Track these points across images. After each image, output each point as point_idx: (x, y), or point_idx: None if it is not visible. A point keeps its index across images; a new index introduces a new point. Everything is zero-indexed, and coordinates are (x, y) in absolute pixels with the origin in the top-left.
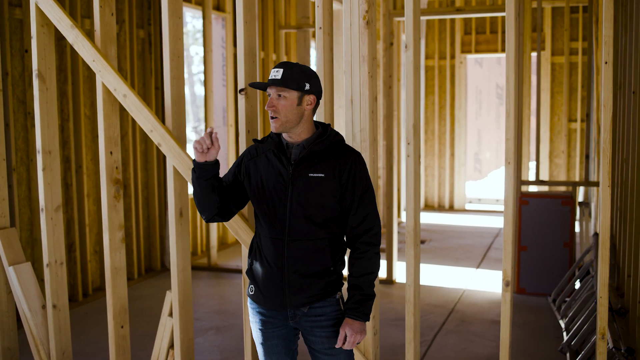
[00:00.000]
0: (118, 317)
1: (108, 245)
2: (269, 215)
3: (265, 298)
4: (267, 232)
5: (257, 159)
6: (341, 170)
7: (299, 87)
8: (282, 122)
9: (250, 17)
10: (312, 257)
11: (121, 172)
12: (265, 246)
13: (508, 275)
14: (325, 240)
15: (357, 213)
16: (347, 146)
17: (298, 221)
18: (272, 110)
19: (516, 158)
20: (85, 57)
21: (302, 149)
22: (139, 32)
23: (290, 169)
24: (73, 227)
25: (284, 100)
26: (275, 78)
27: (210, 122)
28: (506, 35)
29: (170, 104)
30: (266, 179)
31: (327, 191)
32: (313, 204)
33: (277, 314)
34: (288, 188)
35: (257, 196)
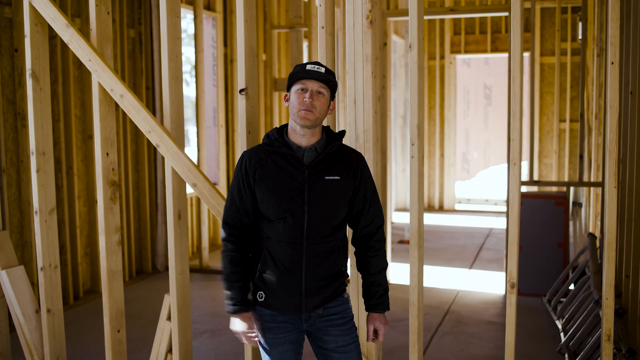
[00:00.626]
0: (115, 321)
1: (104, 248)
2: (286, 220)
3: (280, 303)
4: (285, 237)
5: (262, 163)
6: (355, 172)
7: (334, 88)
8: (316, 117)
9: (250, 16)
10: (328, 259)
11: (117, 174)
12: (280, 251)
13: (513, 277)
14: (338, 241)
15: (370, 212)
16: (350, 148)
17: (317, 224)
18: (311, 103)
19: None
20: (80, 56)
21: (314, 152)
22: (129, 32)
23: (305, 172)
24: (64, 229)
25: (322, 97)
26: (320, 72)
27: (201, 122)
28: (511, 34)
29: (168, 105)
30: (279, 183)
31: (342, 193)
32: (331, 207)
33: (290, 319)
34: (304, 191)
35: (272, 201)
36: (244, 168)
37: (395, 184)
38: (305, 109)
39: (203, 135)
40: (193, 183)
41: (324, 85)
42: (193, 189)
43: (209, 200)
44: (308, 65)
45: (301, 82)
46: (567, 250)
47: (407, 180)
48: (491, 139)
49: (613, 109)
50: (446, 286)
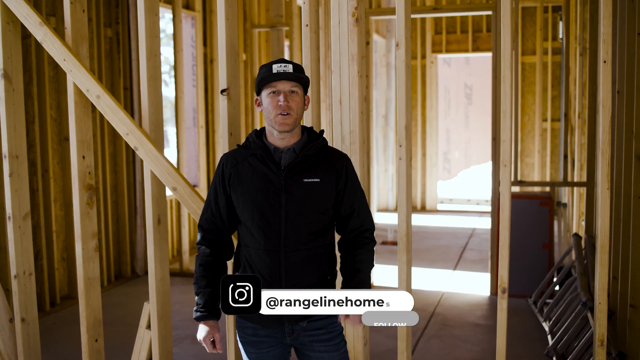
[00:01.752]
0: (92, 330)
1: (81, 254)
2: (261, 227)
3: (261, 317)
4: (261, 244)
5: (239, 167)
6: (338, 174)
7: (306, 84)
8: (294, 119)
9: (231, 14)
10: (310, 267)
11: (94, 178)
12: (257, 259)
13: (505, 282)
14: (321, 248)
15: (358, 217)
16: (335, 149)
17: (295, 230)
18: (286, 106)
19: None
20: (55, 56)
21: (293, 154)
22: (106, 31)
23: (282, 175)
24: (39, 233)
25: (297, 96)
26: (288, 71)
27: (181, 123)
28: (501, 32)
29: (147, 106)
30: (255, 188)
31: (323, 196)
32: (310, 211)
33: (273, 332)
34: (281, 196)
35: (247, 206)
36: (221, 172)
37: (377, 184)
38: (281, 112)
39: (183, 137)
40: (173, 187)
41: (297, 83)
42: (173, 193)
43: (189, 204)
44: (274, 65)
45: (271, 86)
46: (552, 251)
47: (388, 180)
48: (472, 139)
49: (605, 109)
50: (431, 288)
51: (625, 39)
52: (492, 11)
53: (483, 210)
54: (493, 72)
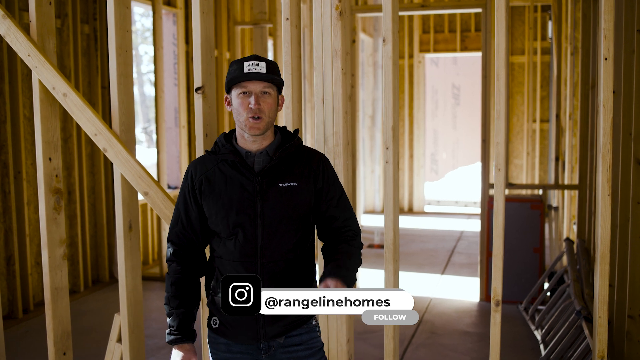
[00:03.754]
0: (60, 344)
1: (47, 263)
2: (237, 237)
3: (234, 331)
4: (236, 256)
5: (208, 174)
6: (315, 175)
7: (280, 84)
8: (266, 123)
9: (207, 7)
10: (289, 279)
11: (62, 180)
12: (232, 271)
13: (498, 295)
14: (302, 258)
15: (338, 219)
16: (310, 148)
17: (272, 240)
18: (257, 109)
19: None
20: (19, 51)
21: (266, 157)
22: (83, 27)
23: (256, 180)
24: (12, 237)
25: (269, 97)
26: (260, 72)
27: (161, 122)
28: (496, 29)
29: (117, 105)
30: (227, 196)
31: (302, 201)
32: (288, 218)
33: (248, 348)
34: (257, 203)
35: (220, 217)
36: (190, 180)
37: (363, 186)
38: (252, 116)
39: (163, 136)
40: (144, 191)
41: (270, 83)
42: (145, 198)
43: (162, 210)
44: (246, 64)
45: (242, 86)
46: (544, 256)
47: (375, 182)
48: (460, 140)
49: (607, 109)
50: (418, 293)
51: (622, 36)
52: (482, 9)
53: (471, 212)
54: (483, 72)
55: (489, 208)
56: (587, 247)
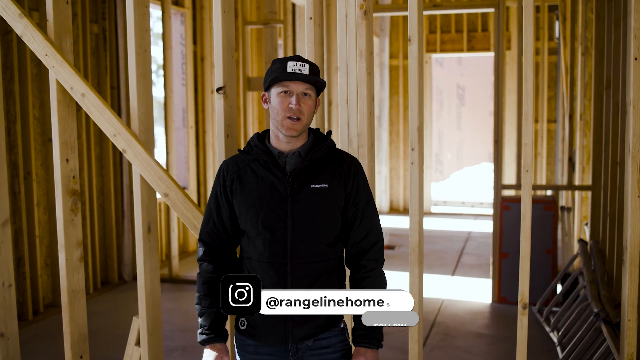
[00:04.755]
0: (77, 347)
1: (64, 265)
2: (266, 237)
3: (263, 333)
4: (265, 257)
5: (240, 173)
6: (346, 178)
7: (320, 87)
8: (304, 124)
9: (228, 7)
10: (318, 281)
11: (78, 182)
12: (261, 273)
13: (525, 297)
14: (331, 261)
15: (361, 226)
16: (343, 151)
17: (302, 242)
18: (298, 109)
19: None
20: (36, 50)
21: (298, 158)
22: (92, 27)
23: (287, 181)
24: (22, 239)
25: (309, 99)
26: (303, 72)
27: (170, 123)
28: (524, 27)
29: (136, 105)
30: (258, 195)
31: (332, 203)
32: (318, 220)
33: (276, 351)
34: (287, 204)
35: (250, 216)
36: (222, 179)
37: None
38: (290, 116)
39: (172, 137)
40: (165, 193)
41: (312, 85)
42: (165, 199)
43: (182, 212)
44: (289, 63)
45: (283, 85)
46: (556, 257)
47: (381, 182)
48: (464, 140)
49: (637, 110)
50: (430, 295)
51: None
52: (495, 8)
53: (478, 212)
54: (495, 72)
55: (502, 209)
56: (602, 248)
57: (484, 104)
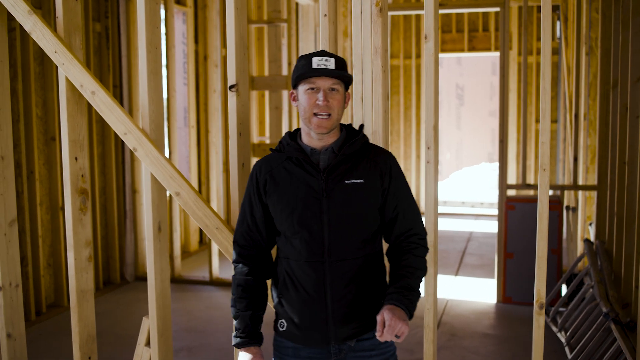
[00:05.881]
0: (85, 347)
1: (73, 265)
2: (303, 236)
3: (304, 334)
4: (303, 255)
5: (273, 173)
6: (382, 172)
7: (348, 81)
8: (333, 120)
9: (241, 3)
10: (358, 279)
11: (87, 181)
12: (299, 272)
13: (542, 297)
14: (370, 257)
15: (405, 221)
16: (376, 146)
17: (339, 238)
18: (326, 105)
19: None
20: (45, 47)
21: (331, 154)
22: (95, 26)
23: (321, 177)
24: (25, 239)
25: (337, 94)
26: (329, 67)
27: (172, 123)
28: (542, 26)
29: (147, 103)
30: (293, 194)
31: (368, 199)
32: (355, 216)
33: (316, 353)
34: (322, 201)
35: (285, 215)
36: (254, 180)
37: None
38: (317, 112)
39: (175, 137)
40: (176, 192)
41: (339, 80)
42: (176, 198)
43: (194, 211)
44: (314, 59)
45: (310, 81)
46: (561, 257)
47: None
48: (464, 140)
49: None
50: None
51: None
52: (500, 8)
53: (479, 213)
54: (501, 72)
55: (507, 209)
56: (608, 248)
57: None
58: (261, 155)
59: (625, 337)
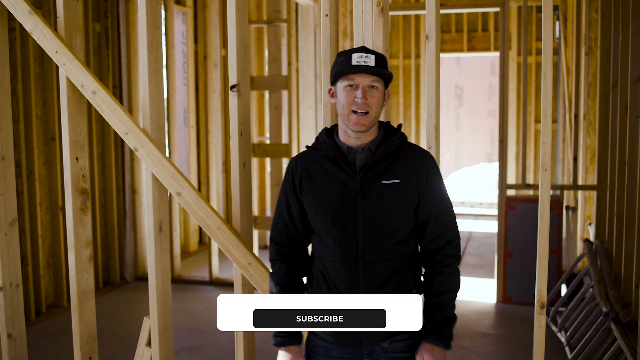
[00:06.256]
0: (86, 348)
1: (74, 265)
2: (336, 236)
3: (337, 333)
4: (337, 256)
5: (309, 170)
6: (419, 173)
7: (388, 78)
8: (372, 118)
9: (242, 3)
10: (392, 280)
11: (88, 181)
12: (334, 272)
13: (543, 297)
14: (405, 258)
15: (436, 224)
16: (415, 145)
17: (374, 239)
18: (364, 103)
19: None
20: (46, 47)
21: (368, 153)
22: (94, 26)
23: (357, 177)
24: (24, 239)
25: (377, 92)
26: (368, 64)
27: (172, 123)
28: (543, 26)
29: (148, 103)
30: (327, 193)
31: (404, 200)
32: (390, 217)
33: (348, 353)
34: (357, 200)
35: (319, 215)
36: (290, 176)
37: None
38: (355, 110)
39: (175, 137)
40: (177, 192)
41: (378, 78)
42: (177, 198)
43: (195, 211)
44: (354, 55)
45: (349, 78)
46: (561, 257)
47: None
48: (462, 140)
49: None
50: None
51: None
52: (500, 7)
53: (478, 213)
54: (501, 71)
55: (507, 209)
56: (608, 248)
57: (483, 104)
58: (261, 155)
59: (626, 336)
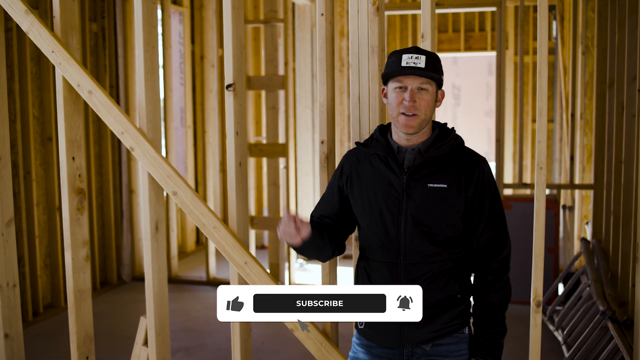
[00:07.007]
0: (83, 347)
1: (71, 264)
2: (379, 235)
3: (379, 333)
4: (379, 255)
5: (359, 166)
6: (467, 180)
7: (440, 80)
8: (420, 120)
9: (238, 3)
10: (434, 283)
11: (84, 180)
12: (376, 272)
13: (539, 295)
14: (448, 262)
15: (484, 233)
16: (470, 150)
17: (415, 241)
18: (412, 106)
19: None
20: (42, 47)
21: (417, 154)
22: (91, 26)
23: (403, 177)
24: (21, 239)
25: (426, 94)
26: (418, 66)
27: (169, 123)
28: (538, 25)
29: (144, 103)
30: (373, 190)
31: (449, 205)
32: (433, 221)
33: (389, 353)
34: (402, 201)
35: (364, 212)
36: (340, 169)
37: None
38: (404, 112)
39: (172, 137)
40: (173, 191)
41: (429, 79)
42: (173, 197)
43: (191, 211)
44: (404, 56)
45: (398, 80)
46: (558, 256)
47: None
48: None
49: None
50: None
51: None
52: (497, 7)
53: None
54: (497, 71)
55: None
56: (605, 247)
57: (480, 104)
58: (258, 155)
59: (622, 335)
